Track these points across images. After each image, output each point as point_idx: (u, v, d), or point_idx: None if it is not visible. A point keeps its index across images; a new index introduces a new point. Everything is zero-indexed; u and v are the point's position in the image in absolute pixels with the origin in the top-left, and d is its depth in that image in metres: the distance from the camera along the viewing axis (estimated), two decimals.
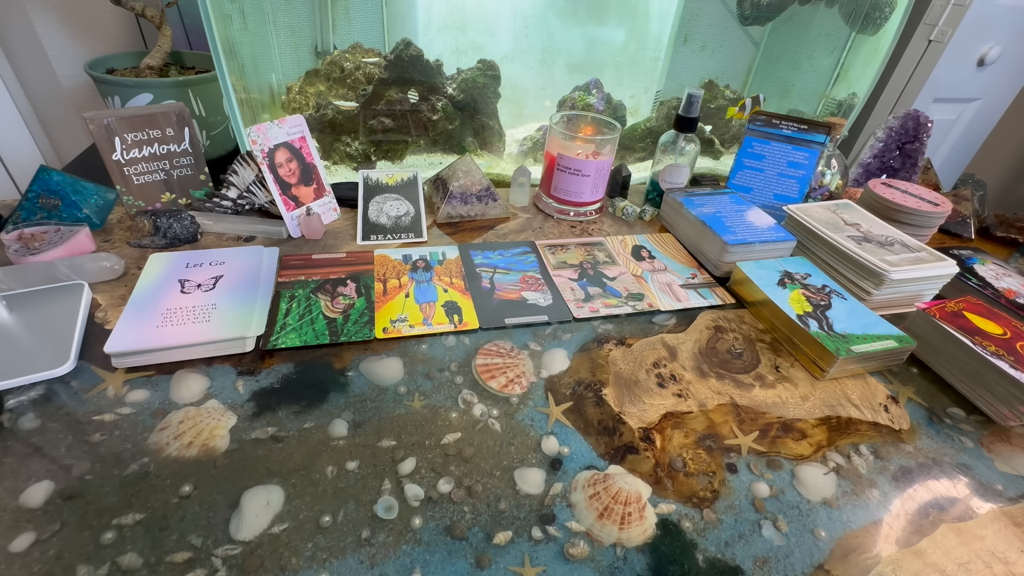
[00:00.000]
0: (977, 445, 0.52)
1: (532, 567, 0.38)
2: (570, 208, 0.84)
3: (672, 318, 0.65)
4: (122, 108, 0.83)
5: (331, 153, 0.93)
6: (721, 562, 0.40)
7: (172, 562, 0.36)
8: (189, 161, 0.74)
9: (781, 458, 0.48)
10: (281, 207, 0.71)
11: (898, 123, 0.95)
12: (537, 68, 1.03)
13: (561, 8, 0.99)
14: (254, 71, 0.85)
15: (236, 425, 0.46)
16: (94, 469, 0.42)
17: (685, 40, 1.09)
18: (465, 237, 0.77)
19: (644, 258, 0.76)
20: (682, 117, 0.81)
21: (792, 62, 1.16)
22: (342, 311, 0.59)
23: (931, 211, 0.77)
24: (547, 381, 0.54)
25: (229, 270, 0.62)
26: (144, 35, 1.07)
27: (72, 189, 0.67)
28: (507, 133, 1.02)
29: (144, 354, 0.51)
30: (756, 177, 0.87)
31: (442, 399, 0.51)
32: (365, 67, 0.92)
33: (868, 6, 1.03)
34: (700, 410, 0.52)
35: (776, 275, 0.68)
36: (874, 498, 0.46)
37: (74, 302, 0.55)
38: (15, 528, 0.37)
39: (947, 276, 0.68)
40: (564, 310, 0.64)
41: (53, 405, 0.46)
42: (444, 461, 0.45)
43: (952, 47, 1.25)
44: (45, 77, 1.03)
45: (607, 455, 0.47)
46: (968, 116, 1.48)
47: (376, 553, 0.38)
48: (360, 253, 0.70)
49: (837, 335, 0.58)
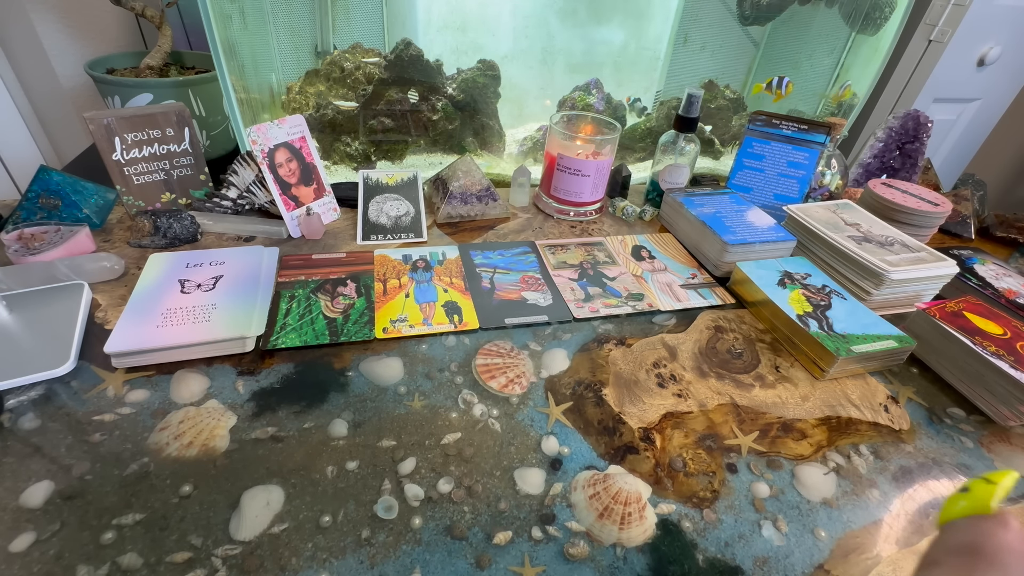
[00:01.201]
0: (977, 445, 0.52)
1: (532, 567, 0.38)
2: (570, 208, 0.84)
3: (672, 318, 0.65)
4: (122, 108, 0.83)
5: (331, 153, 0.93)
6: (721, 562, 0.40)
7: (172, 562, 0.36)
8: (189, 161, 0.74)
9: (781, 458, 0.48)
10: (281, 207, 0.71)
11: (898, 123, 0.95)
12: (537, 68, 1.03)
13: (561, 8, 0.99)
14: (254, 71, 0.85)
15: (236, 425, 0.46)
16: (94, 469, 0.42)
17: (685, 40, 1.09)
18: (465, 237, 0.77)
19: (644, 258, 0.76)
20: (682, 117, 0.81)
21: (792, 62, 1.16)
22: (342, 311, 0.59)
23: (931, 211, 0.77)
24: (547, 381, 0.54)
25: (229, 270, 0.62)
26: (144, 35, 1.07)
27: (72, 189, 0.67)
28: (507, 133, 1.02)
29: (144, 354, 0.51)
30: (756, 177, 0.87)
31: (442, 399, 0.51)
32: (365, 67, 0.92)
33: (868, 6, 1.03)
34: (700, 410, 0.52)
35: (776, 275, 0.68)
36: (874, 498, 0.46)
37: (74, 302, 0.55)
38: (15, 528, 0.37)
39: (947, 276, 0.68)
40: (564, 310, 0.64)
41: (53, 405, 0.46)
42: (444, 461, 0.45)
43: (952, 47, 1.25)
44: (45, 77, 1.03)
45: (607, 455, 0.47)
46: (968, 116, 1.48)
47: (376, 553, 0.38)
48: (360, 253, 0.70)
49: (837, 335, 0.58)
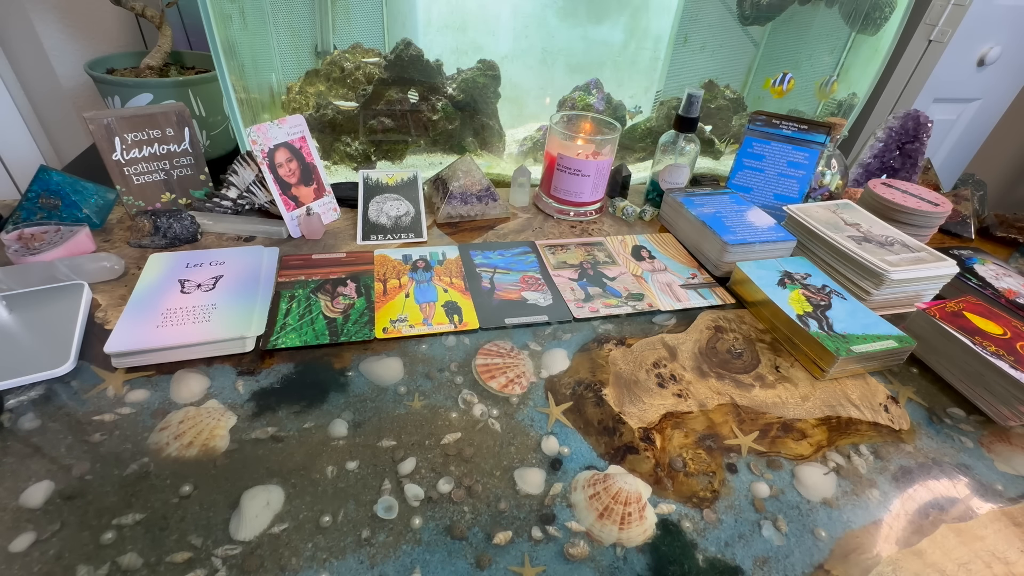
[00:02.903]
0: (977, 445, 0.52)
1: (532, 567, 0.38)
2: (570, 208, 0.84)
3: (672, 318, 0.65)
4: (122, 108, 0.83)
5: (331, 153, 0.93)
6: (721, 562, 0.40)
7: (172, 562, 0.36)
8: (189, 161, 0.74)
9: (781, 458, 0.48)
10: (281, 207, 0.71)
11: (898, 123, 0.95)
12: (537, 68, 1.03)
13: (561, 8, 0.99)
14: (254, 71, 0.85)
15: (236, 425, 0.46)
16: (94, 469, 0.42)
17: (685, 40, 1.09)
18: (465, 237, 0.77)
19: (644, 258, 0.76)
20: (682, 117, 0.81)
21: (792, 62, 1.16)
22: (342, 311, 0.59)
23: (931, 211, 0.77)
24: (547, 381, 0.54)
25: (229, 270, 0.62)
26: (144, 35, 1.07)
27: (72, 189, 0.67)
28: (507, 133, 1.02)
29: (144, 354, 0.51)
30: (756, 177, 0.87)
31: (442, 399, 0.51)
32: (365, 67, 0.92)
33: (868, 6, 1.03)
34: (700, 410, 0.52)
35: (776, 275, 0.68)
36: (874, 498, 0.46)
37: (74, 302, 0.55)
38: (15, 528, 0.37)
39: (947, 276, 0.68)
40: (564, 310, 0.64)
41: (53, 405, 0.46)
42: (444, 461, 0.45)
43: (952, 47, 1.25)
44: (45, 77, 1.03)
45: (607, 455, 0.47)
46: (968, 116, 1.48)
47: (376, 553, 0.38)
48: (360, 253, 0.70)
49: (837, 335, 0.58)
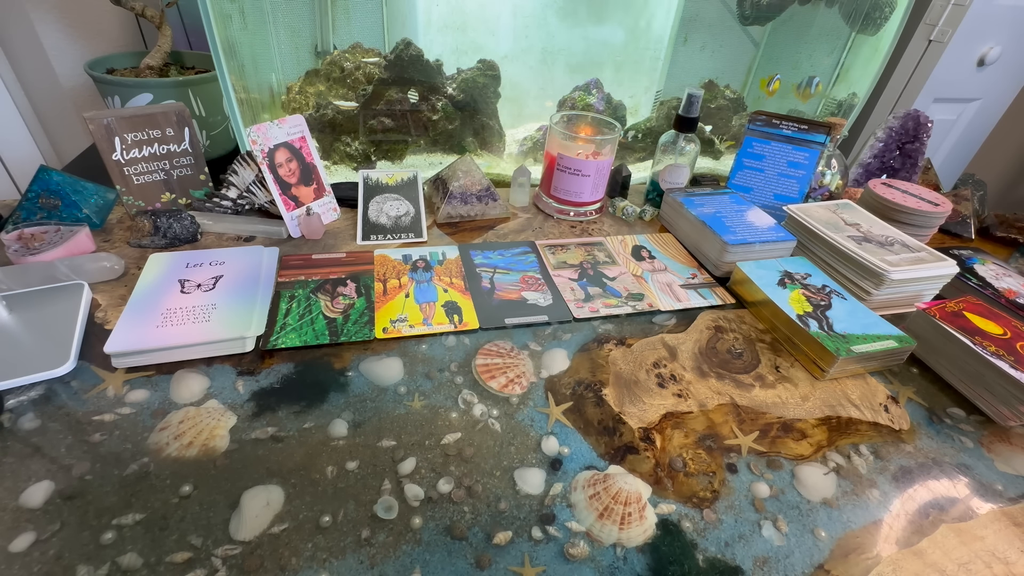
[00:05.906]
0: (977, 445, 0.52)
1: (532, 567, 0.38)
2: (570, 208, 0.84)
3: (672, 318, 0.65)
4: (122, 108, 0.83)
5: (331, 153, 0.92)
6: (721, 562, 0.40)
7: (172, 562, 0.36)
8: (189, 161, 0.74)
9: (781, 458, 0.48)
10: (281, 207, 0.71)
11: (898, 123, 0.95)
12: (537, 68, 1.03)
13: (561, 8, 0.99)
14: (254, 71, 0.85)
15: (236, 425, 0.46)
16: (94, 469, 0.42)
17: (685, 40, 1.09)
18: (465, 237, 0.77)
19: (644, 258, 0.76)
20: (682, 117, 0.81)
21: (792, 62, 1.16)
22: (342, 311, 0.59)
23: (931, 211, 0.77)
24: (547, 381, 0.54)
25: (229, 270, 0.62)
26: (144, 35, 1.07)
27: (72, 189, 0.67)
28: (507, 133, 1.02)
29: (144, 354, 0.51)
30: (756, 177, 0.87)
31: (442, 399, 0.51)
32: (365, 67, 0.92)
33: (868, 6, 1.03)
34: (700, 410, 0.52)
35: (776, 275, 0.68)
36: (874, 498, 0.46)
37: (74, 302, 0.55)
38: (15, 528, 0.37)
39: (947, 276, 0.68)
40: (564, 310, 0.64)
41: (53, 405, 0.46)
42: (444, 461, 0.45)
43: (952, 47, 1.25)
44: (45, 77, 1.03)
45: (607, 455, 0.47)
46: (968, 116, 1.48)
47: (376, 553, 0.38)
48: (360, 253, 0.70)
49: (837, 335, 0.58)
